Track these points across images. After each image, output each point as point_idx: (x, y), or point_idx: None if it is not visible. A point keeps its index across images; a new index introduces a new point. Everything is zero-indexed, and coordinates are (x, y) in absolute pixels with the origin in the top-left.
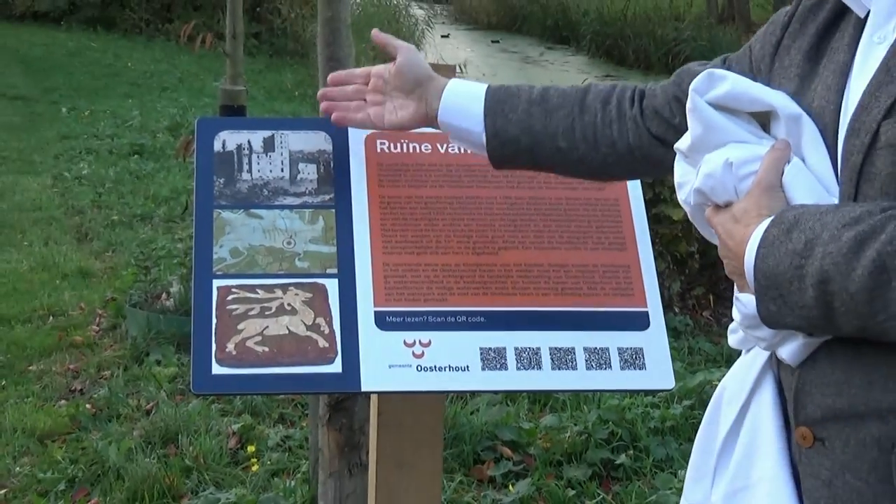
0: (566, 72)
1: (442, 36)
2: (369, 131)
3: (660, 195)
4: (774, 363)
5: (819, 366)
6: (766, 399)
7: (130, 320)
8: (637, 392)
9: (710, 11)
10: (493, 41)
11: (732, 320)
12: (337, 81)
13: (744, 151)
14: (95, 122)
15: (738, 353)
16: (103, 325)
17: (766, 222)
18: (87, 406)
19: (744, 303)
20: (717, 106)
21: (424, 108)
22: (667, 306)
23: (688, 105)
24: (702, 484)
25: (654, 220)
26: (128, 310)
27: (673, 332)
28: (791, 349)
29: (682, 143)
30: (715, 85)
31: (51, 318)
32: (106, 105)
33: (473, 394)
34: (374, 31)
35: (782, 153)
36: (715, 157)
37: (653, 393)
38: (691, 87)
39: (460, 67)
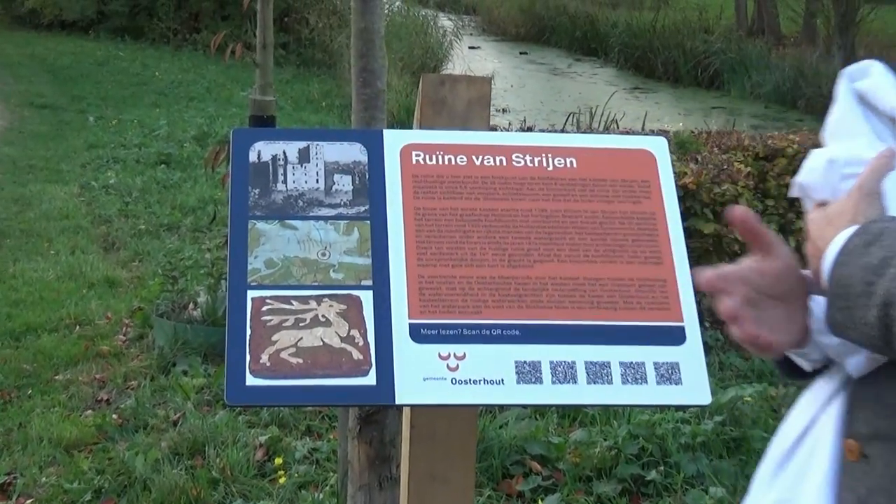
0: (594, 84)
1: (470, 47)
2: (405, 143)
3: (691, 209)
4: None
5: (878, 382)
6: (836, 409)
7: (157, 330)
8: (673, 407)
9: (740, 24)
10: (521, 52)
11: None
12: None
13: (849, 152)
14: (123, 132)
15: (769, 370)
16: (130, 334)
17: (852, 230)
18: (114, 416)
19: (817, 304)
20: (863, 98)
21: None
22: None
23: (836, 87)
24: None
25: (685, 233)
26: (155, 320)
27: (703, 347)
28: (856, 361)
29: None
30: (864, 75)
31: (77, 327)
32: (133, 114)
33: (503, 407)
34: (737, 209)
35: (887, 161)
36: (821, 152)
37: (689, 408)
38: (845, 71)
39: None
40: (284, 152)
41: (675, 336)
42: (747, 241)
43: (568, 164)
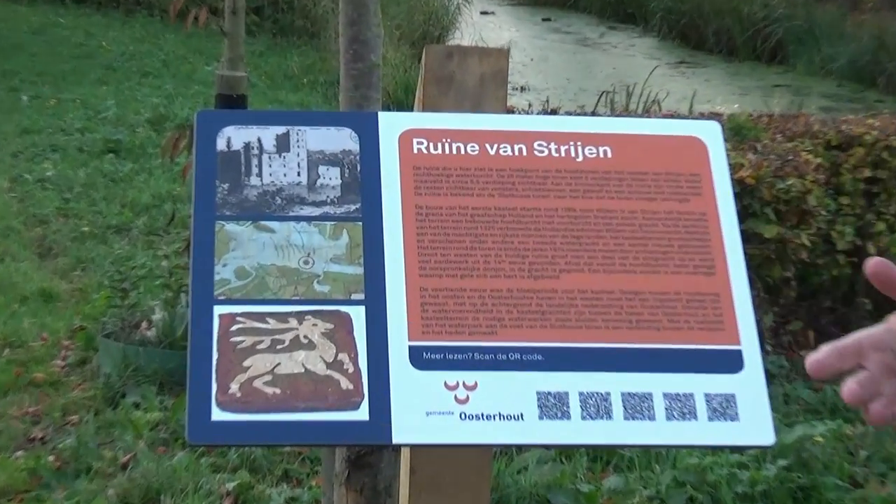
0: (632, 56)
1: (482, 13)
2: (404, 128)
3: (749, 208)
4: None
5: None
6: None
7: (103, 354)
8: (728, 448)
9: None
10: (543, 19)
11: None
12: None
13: None
14: (62, 114)
15: (844, 404)
16: (70, 359)
17: None
18: (51, 458)
19: None
20: None
21: None
22: None
23: None
24: None
25: (742, 238)
26: (100, 341)
27: (765, 376)
28: None
29: None
30: None
31: (6, 350)
32: (75, 93)
33: (522, 448)
34: (872, 262)
35: None
36: None
37: (747, 449)
38: None
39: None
40: (259, 139)
41: (730, 362)
42: (892, 296)
43: (601, 154)
